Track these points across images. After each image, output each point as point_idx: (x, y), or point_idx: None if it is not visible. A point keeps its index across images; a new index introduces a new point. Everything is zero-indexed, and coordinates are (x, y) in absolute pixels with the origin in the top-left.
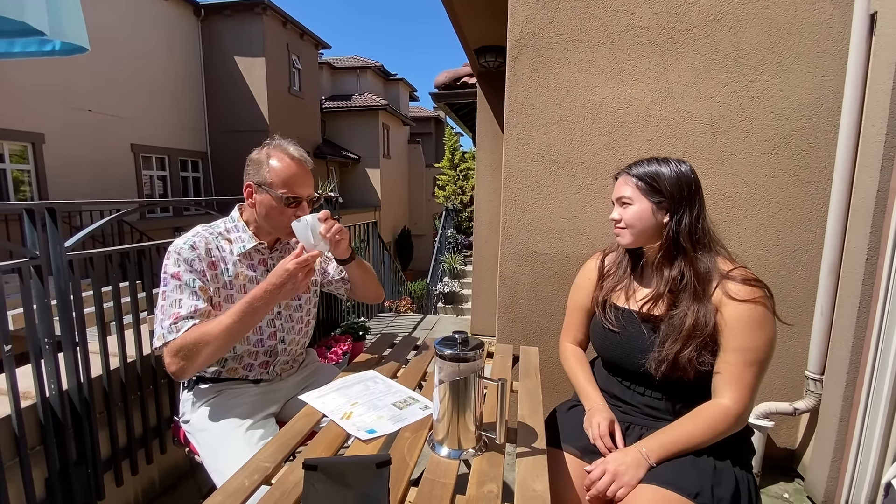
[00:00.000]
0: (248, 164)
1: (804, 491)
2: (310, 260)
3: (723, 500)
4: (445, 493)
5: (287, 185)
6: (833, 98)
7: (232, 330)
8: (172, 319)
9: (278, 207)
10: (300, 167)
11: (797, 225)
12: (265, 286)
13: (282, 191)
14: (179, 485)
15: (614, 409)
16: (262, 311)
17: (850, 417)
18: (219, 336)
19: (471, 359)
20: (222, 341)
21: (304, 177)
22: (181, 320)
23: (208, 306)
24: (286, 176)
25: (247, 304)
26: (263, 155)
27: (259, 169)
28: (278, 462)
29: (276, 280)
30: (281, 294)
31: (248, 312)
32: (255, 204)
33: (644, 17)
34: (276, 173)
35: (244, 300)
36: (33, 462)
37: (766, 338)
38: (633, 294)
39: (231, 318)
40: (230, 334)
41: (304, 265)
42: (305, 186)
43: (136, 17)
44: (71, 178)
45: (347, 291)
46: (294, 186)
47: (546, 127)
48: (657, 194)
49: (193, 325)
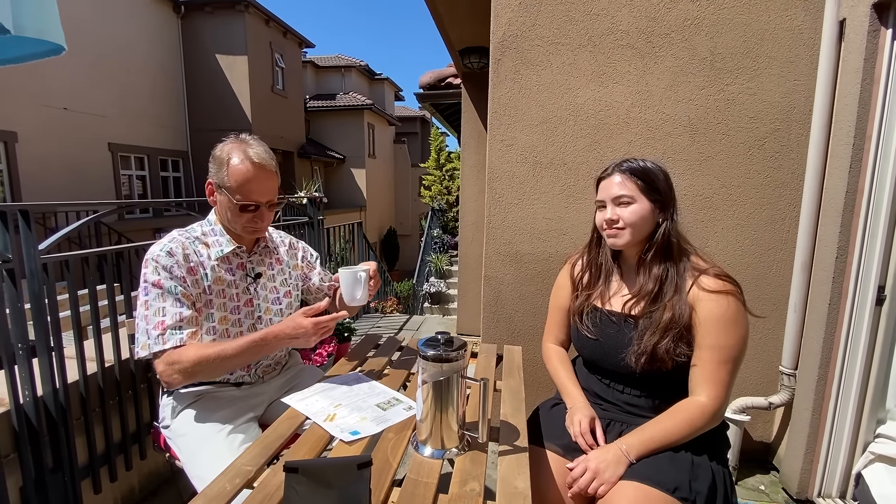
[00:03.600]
0: (211, 160)
1: (779, 483)
2: (330, 324)
3: (700, 494)
4: (428, 493)
5: (243, 191)
6: (805, 102)
7: (231, 363)
8: (159, 330)
9: (235, 211)
10: (259, 171)
11: (771, 224)
12: (277, 333)
13: (238, 196)
14: (160, 491)
15: (595, 406)
16: (267, 352)
17: (821, 411)
18: (217, 365)
19: (453, 359)
20: (219, 369)
21: (263, 181)
22: (168, 330)
23: (193, 312)
24: (243, 181)
25: (253, 343)
26: (225, 153)
27: (220, 169)
28: (261, 465)
29: (290, 332)
30: (291, 344)
31: (253, 351)
32: (216, 202)
33: (624, 21)
34: (234, 177)
35: (252, 338)
36: (7, 470)
37: (739, 335)
38: (612, 295)
39: (234, 351)
40: (228, 366)
41: (322, 328)
42: (263, 193)
43: (112, 13)
44: (45, 179)
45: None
46: (250, 193)
47: (529, 128)
48: (655, 192)
49: (182, 339)
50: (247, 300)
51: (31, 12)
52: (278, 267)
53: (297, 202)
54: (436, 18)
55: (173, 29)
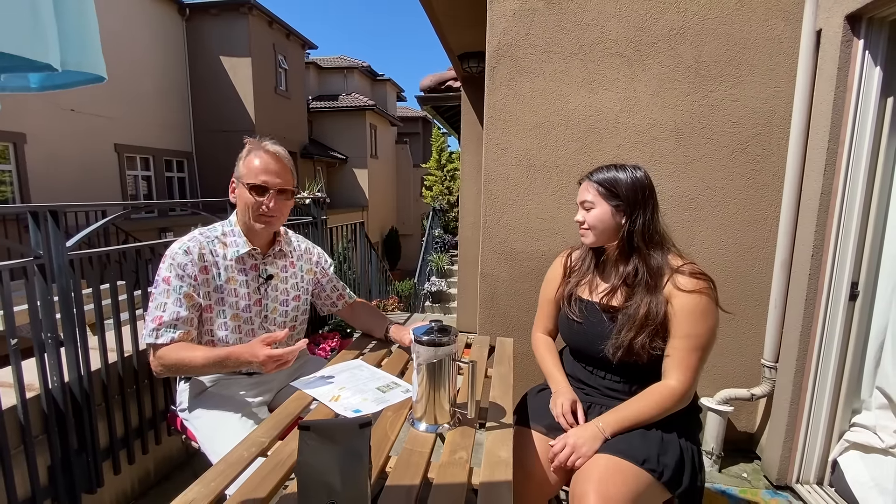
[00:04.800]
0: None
1: (761, 471)
2: (285, 357)
3: (667, 467)
4: (422, 460)
5: (254, 173)
6: (785, 108)
7: (203, 370)
8: (156, 324)
9: (247, 196)
10: (271, 157)
11: (753, 224)
12: (239, 355)
13: (249, 180)
14: (173, 475)
15: (578, 391)
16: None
17: (799, 401)
18: (192, 369)
19: (445, 343)
20: (192, 372)
21: (273, 166)
22: (163, 327)
23: (190, 314)
24: (255, 166)
25: (218, 358)
26: (244, 152)
27: (239, 164)
28: (273, 437)
29: (247, 357)
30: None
31: (217, 365)
32: (237, 199)
33: (613, 31)
34: (248, 165)
35: (218, 354)
36: (37, 450)
37: (709, 326)
38: (595, 287)
39: (205, 360)
40: (198, 372)
41: (275, 360)
42: (272, 175)
43: (119, 16)
44: (53, 179)
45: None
46: (260, 174)
47: (523, 133)
48: (615, 198)
49: (173, 338)
50: (256, 300)
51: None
52: (291, 270)
53: (300, 202)
54: (435, 26)
55: (178, 31)
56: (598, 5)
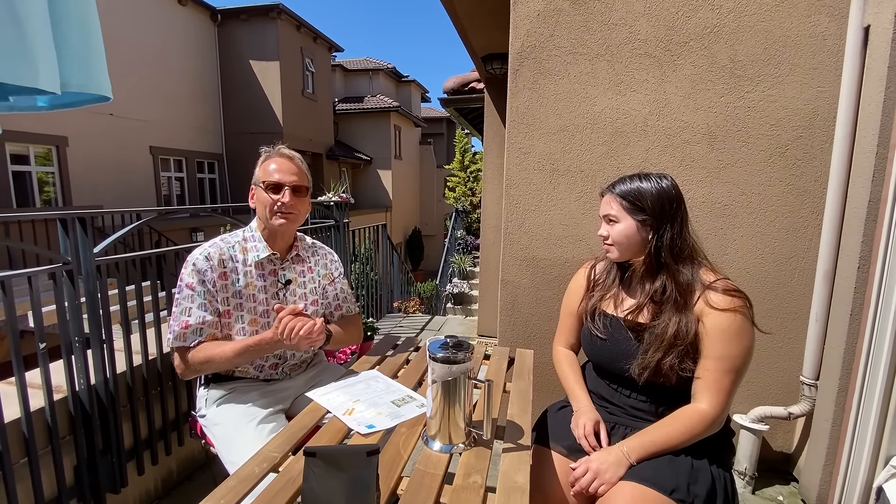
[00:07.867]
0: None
1: (798, 494)
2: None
3: (698, 497)
4: (434, 483)
5: (268, 173)
6: (828, 109)
7: (235, 361)
8: (182, 327)
9: (265, 196)
10: (285, 160)
11: (793, 233)
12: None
13: (264, 181)
14: (195, 476)
15: (601, 409)
16: (266, 352)
17: (842, 422)
18: (222, 364)
19: (460, 361)
20: (223, 367)
21: (286, 166)
22: (189, 331)
23: (215, 318)
24: (270, 169)
25: (253, 344)
26: (261, 159)
27: (256, 172)
28: (285, 452)
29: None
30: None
31: (249, 352)
32: (256, 204)
33: (642, 31)
34: (265, 169)
35: (251, 341)
36: (64, 451)
37: (744, 347)
38: (620, 302)
39: (234, 351)
40: (232, 364)
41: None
42: (286, 173)
43: (154, 23)
44: (93, 180)
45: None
46: (274, 173)
47: (546, 137)
48: (641, 212)
49: (200, 341)
50: (275, 305)
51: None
52: (310, 275)
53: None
54: (458, 28)
55: (210, 36)
56: (627, 4)
